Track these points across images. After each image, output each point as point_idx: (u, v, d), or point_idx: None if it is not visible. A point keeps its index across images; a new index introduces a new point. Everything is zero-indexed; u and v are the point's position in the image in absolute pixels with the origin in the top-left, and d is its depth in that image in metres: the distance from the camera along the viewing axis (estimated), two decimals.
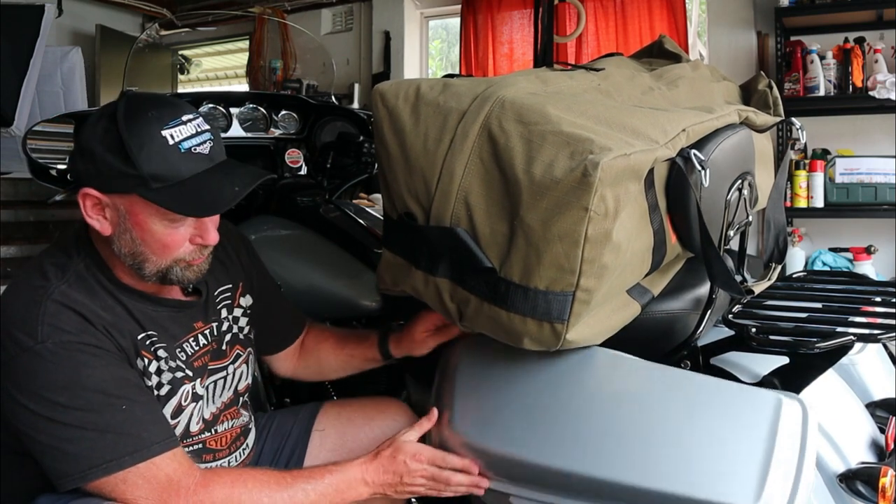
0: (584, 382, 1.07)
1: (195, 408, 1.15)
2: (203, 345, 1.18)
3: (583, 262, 0.91)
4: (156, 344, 1.10)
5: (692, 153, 0.99)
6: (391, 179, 1.08)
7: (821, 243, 3.46)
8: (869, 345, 1.34)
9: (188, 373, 1.14)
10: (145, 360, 1.08)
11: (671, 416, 1.00)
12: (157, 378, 1.09)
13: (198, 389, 1.15)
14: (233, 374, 1.24)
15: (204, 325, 1.19)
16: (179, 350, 1.14)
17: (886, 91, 3.14)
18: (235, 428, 1.24)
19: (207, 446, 1.18)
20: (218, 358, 1.21)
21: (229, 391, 1.23)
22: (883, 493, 1.03)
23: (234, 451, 1.23)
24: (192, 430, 1.15)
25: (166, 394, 1.10)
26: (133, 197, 1.01)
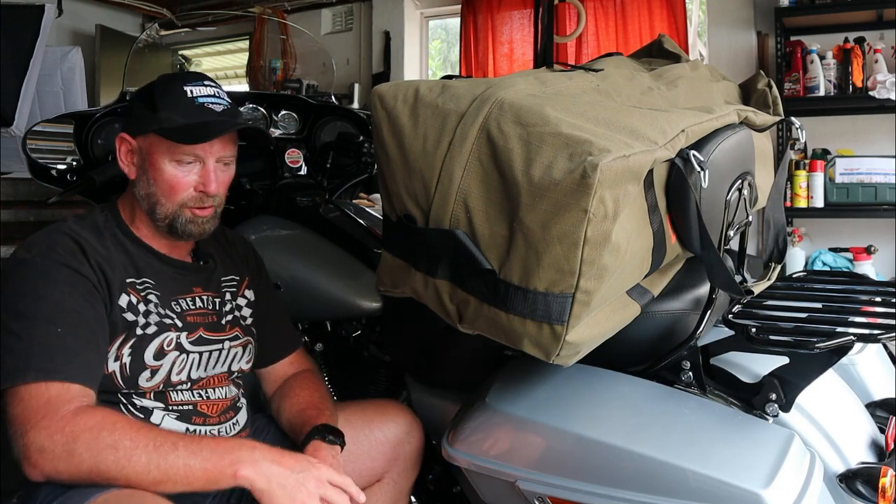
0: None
1: (178, 358, 1.19)
2: (199, 307, 1.25)
3: (582, 264, 0.91)
4: (148, 290, 1.19)
5: (691, 154, 0.99)
6: (390, 181, 1.08)
7: (821, 243, 3.46)
8: (869, 345, 1.34)
9: (177, 322, 1.20)
10: (132, 298, 1.16)
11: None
12: (143, 318, 1.16)
13: (184, 342, 1.20)
14: (228, 350, 1.27)
15: (203, 292, 1.27)
16: (174, 303, 1.22)
17: (886, 91, 3.14)
18: (227, 399, 1.27)
19: (198, 409, 1.21)
20: (215, 330, 1.26)
21: (223, 366, 1.27)
22: (883, 493, 1.03)
23: (224, 422, 1.25)
24: (173, 380, 1.18)
25: (152, 333, 1.16)
26: (151, 136, 1.18)
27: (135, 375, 1.14)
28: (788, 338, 1.05)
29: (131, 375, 1.14)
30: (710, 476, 0.96)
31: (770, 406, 1.06)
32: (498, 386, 1.19)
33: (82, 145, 1.72)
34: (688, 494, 0.97)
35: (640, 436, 1.03)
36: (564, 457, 1.06)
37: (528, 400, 1.13)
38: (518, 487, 1.10)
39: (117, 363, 1.13)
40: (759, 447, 1.00)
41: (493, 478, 1.14)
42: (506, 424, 1.13)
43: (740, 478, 0.95)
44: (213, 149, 1.20)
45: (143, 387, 1.15)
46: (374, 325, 1.66)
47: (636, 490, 1.00)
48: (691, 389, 1.12)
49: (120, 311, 1.14)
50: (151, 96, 1.19)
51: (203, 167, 1.20)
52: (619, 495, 1.01)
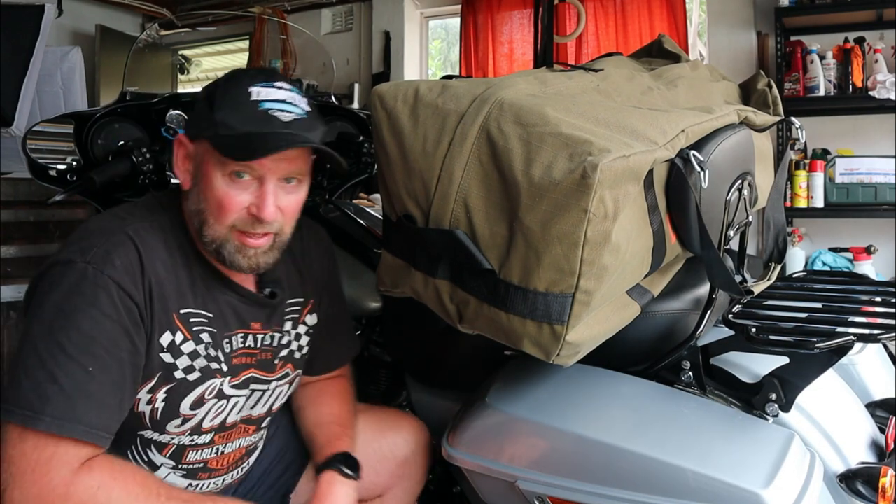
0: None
1: (216, 405, 1.08)
2: (251, 347, 1.12)
3: (582, 264, 0.91)
4: (203, 326, 1.05)
5: (691, 154, 0.99)
6: (390, 181, 1.08)
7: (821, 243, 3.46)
8: (869, 345, 1.34)
9: (223, 367, 1.08)
10: (180, 337, 1.02)
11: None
12: (188, 360, 1.03)
13: (226, 388, 1.09)
14: (272, 391, 1.18)
15: (261, 329, 1.14)
16: (226, 341, 1.08)
17: (886, 91, 3.14)
18: (242, 448, 1.19)
19: (209, 465, 1.15)
20: (265, 370, 1.15)
21: (263, 407, 1.18)
22: (883, 493, 1.03)
23: (231, 471, 1.19)
24: (203, 427, 1.09)
25: (194, 380, 1.04)
26: (205, 144, 1.02)
27: (165, 421, 1.05)
28: (788, 338, 1.05)
29: (161, 421, 1.04)
30: (710, 476, 0.96)
31: (770, 406, 1.06)
32: (498, 386, 1.19)
33: (82, 145, 1.71)
34: (688, 494, 0.97)
35: (640, 436, 1.03)
36: (564, 457, 1.06)
37: (528, 400, 1.13)
38: (518, 487, 1.10)
39: (150, 406, 1.03)
40: (759, 447, 1.00)
41: (493, 478, 1.14)
42: (506, 424, 1.13)
43: (740, 478, 0.95)
44: (274, 165, 1.01)
45: (169, 431, 1.06)
46: (374, 325, 1.66)
47: (636, 490, 1.00)
48: (691, 389, 1.12)
49: (158, 351, 1.01)
50: (213, 94, 1.02)
51: (260, 187, 1.02)
52: (619, 495, 1.01)
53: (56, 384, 0.91)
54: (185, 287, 1.04)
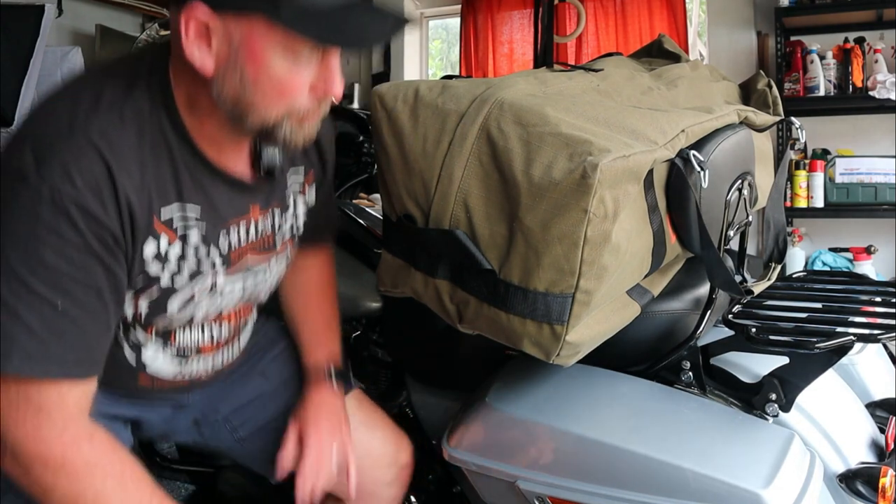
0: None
1: (209, 300, 0.98)
2: (252, 237, 1.00)
3: (582, 264, 0.91)
4: (190, 223, 0.91)
5: (691, 154, 0.99)
6: (390, 181, 1.08)
7: (821, 243, 3.46)
8: (869, 345, 1.34)
9: (217, 264, 0.95)
10: (162, 242, 0.88)
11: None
12: (174, 266, 0.91)
13: (219, 281, 0.97)
14: (273, 271, 1.08)
15: (261, 212, 1.00)
16: (223, 236, 0.95)
17: (886, 91, 3.14)
18: (234, 331, 1.10)
19: (199, 348, 1.06)
20: (265, 251, 1.03)
21: (263, 289, 1.09)
22: (883, 493, 1.03)
23: (219, 350, 1.10)
24: (195, 320, 1.00)
25: (181, 286, 0.93)
26: (255, 20, 0.80)
27: (150, 320, 0.95)
28: (788, 338, 1.05)
29: (145, 322, 0.95)
30: (710, 476, 0.96)
31: (770, 406, 1.06)
32: (498, 386, 1.19)
33: None
34: (688, 494, 0.97)
35: (640, 436, 1.03)
36: (564, 457, 1.06)
37: (528, 400, 1.13)
38: (518, 487, 1.10)
39: (131, 310, 0.93)
40: (759, 447, 1.00)
41: (493, 478, 1.14)
42: (506, 424, 1.13)
43: (740, 478, 0.95)
44: None
45: (154, 324, 0.97)
46: (374, 325, 1.66)
47: (636, 490, 1.00)
48: (691, 389, 1.12)
49: (142, 264, 0.88)
50: None
51: (323, 61, 0.85)
52: (619, 495, 1.01)
53: (21, 324, 0.79)
54: (168, 183, 0.88)
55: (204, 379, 1.13)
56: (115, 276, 0.84)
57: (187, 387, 1.14)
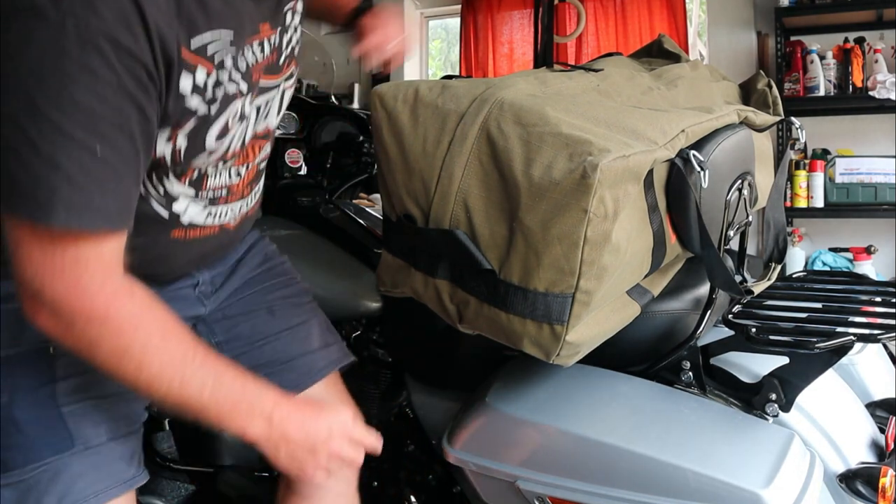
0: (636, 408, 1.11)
1: (239, 130, 0.94)
2: (264, 54, 0.95)
3: (582, 264, 0.91)
4: (222, 48, 0.85)
5: (691, 154, 0.99)
6: (390, 181, 1.08)
7: (821, 243, 3.46)
8: (869, 345, 1.34)
9: (242, 87, 0.90)
10: (201, 73, 0.83)
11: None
12: (210, 93, 0.85)
13: (246, 108, 0.94)
14: (282, 94, 1.04)
15: (270, 31, 0.95)
16: (241, 57, 0.90)
17: (886, 91, 3.14)
18: (254, 167, 1.06)
19: (229, 190, 1.02)
20: (272, 73, 0.98)
21: (275, 115, 1.04)
22: (883, 493, 1.03)
23: (245, 196, 1.07)
24: (229, 154, 0.95)
25: (215, 113, 0.87)
26: None
27: (189, 159, 0.90)
28: (788, 338, 1.05)
29: (185, 160, 0.89)
30: (710, 476, 0.96)
31: (770, 406, 1.06)
32: (498, 386, 1.19)
33: None
34: (688, 494, 0.97)
35: (640, 436, 1.03)
36: (564, 457, 1.06)
37: (528, 400, 1.13)
38: (518, 487, 1.10)
39: (169, 146, 0.86)
40: (759, 447, 1.00)
41: (493, 478, 1.14)
42: (506, 424, 1.13)
43: (740, 478, 0.95)
44: None
45: (192, 165, 0.92)
46: (374, 325, 1.66)
47: (636, 490, 1.00)
48: (691, 389, 1.12)
49: (180, 99, 0.82)
50: None
51: None
52: (619, 495, 1.01)
53: (59, 171, 0.73)
54: (195, 8, 0.81)
55: (234, 240, 1.11)
56: (148, 120, 0.79)
57: (223, 249, 1.11)
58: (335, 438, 0.93)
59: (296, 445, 0.91)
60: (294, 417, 0.91)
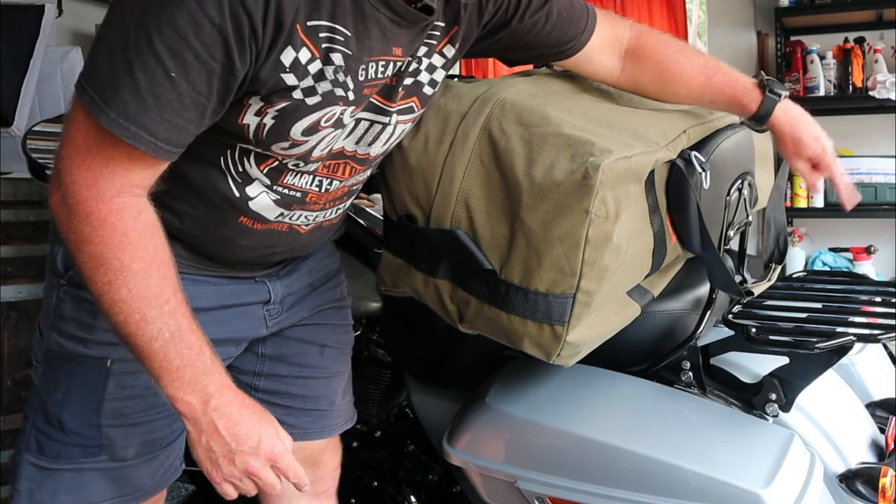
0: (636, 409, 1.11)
1: (331, 134, 0.92)
2: (387, 76, 0.93)
3: (583, 265, 0.91)
4: (337, 45, 0.85)
5: (693, 155, 0.99)
6: (391, 181, 1.08)
7: (821, 243, 3.46)
8: (869, 345, 1.34)
9: (349, 96, 0.89)
10: (305, 54, 0.83)
11: None
12: (311, 81, 0.85)
13: (346, 118, 0.92)
14: (392, 126, 0.99)
15: (401, 56, 0.93)
16: (362, 69, 0.89)
17: (886, 91, 3.14)
18: (344, 188, 1.03)
19: (305, 199, 0.99)
20: (386, 97, 0.96)
21: (380, 145, 0.99)
22: (883, 493, 1.03)
23: (326, 209, 1.04)
24: (313, 156, 0.93)
25: (313, 105, 0.87)
26: None
27: (270, 141, 0.89)
28: (788, 338, 1.05)
29: (266, 140, 0.89)
30: (710, 476, 0.96)
31: (770, 406, 1.06)
32: (498, 386, 1.19)
33: None
34: (688, 494, 0.97)
35: (640, 436, 1.03)
36: (564, 457, 1.06)
37: (528, 400, 1.13)
38: (518, 487, 1.10)
39: (257, 119, 0.86)
40: (759, 447, 1.00)
41: (493, 478, 1.14)
42: (506, 424, 1.13)
43: (740, 478, 0.95)
44: None
45: (274, 151, 0.91)
46: (374, 325, 1.66)
47: (636, 490, 1.00)
48: (691, 389, 1.12)
49: (277, 69, 0.82)
50: None
51: None
52: (619, 495, 1.01)
53: (131, 77, 0.76)
54: (319, 4, 0.82)
55: (309, 243, 1.08)
56: (234, 71, 0.80)
57: (294, 251, 1.08)
58: (259, 456, 0.86)
59: (218, 441, 0.84)
60: (231, 412, 0.85)
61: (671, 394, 1.11)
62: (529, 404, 1.13)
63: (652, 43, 1.13)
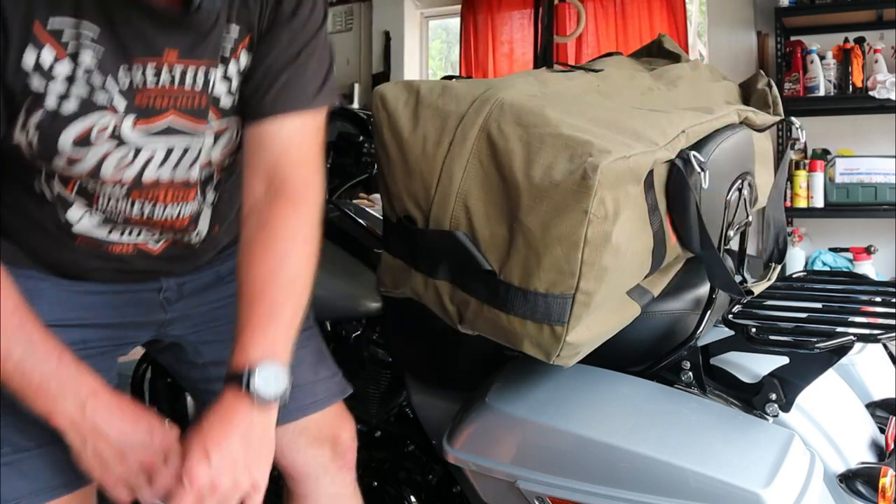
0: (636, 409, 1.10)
1: (116, 153, 0.86)
2: (166, 84, 0.86)
3: (582, 265, 0.91)
4: (84, 43, 0.80)
5: (692, 155, 0.99)
6: (391, 182, 1.08)
7: (821, 243, 3.46)
8: (869, 345, 1.34)
9: (116, 100, 0.83)
10: (48, 54, 0.78)
11: None
12: (62, 86, 0.80)
13: (126, 130, 0.85)
14: (208, 145, 0.93)
15: (179, 60, 0.86)
16: (123, 70, 0.83)
17: (886, 91, 3.14)
18: (185, 217, 0.97)
19: (132, 220, 0.94)
20: (195, 116, 0.90)
21: (198, 168, 0.94)
22: (883, 493, 1.03)
23: (175, 231, 0.98)
24: (106, 178, 0.87)
25: (69, 114, 0.81)
26: None
27: (45, 157, 0.84)
28: (788, 338, 1.05)
29: (40, 156, 0.84)
30: (710, 476, 0.96)
31: (770, 406, 1.06)
32: (498, 386, 1.19)
33: None
34: (688, 494, 0.97)
35: (640, 436, 1.03)
36: (564, 457, 1.06)
37: (528, 400, 1.13)
38: (518, 487, 1.10)
39: (24, 137, 0.82)
40: (759, 447, 1.00)
41: (493, 478, 1.14)
42: (506, 424, 1.13)
43: (740, 478, 0.95)
44: None
45: (59, 168, 0.86)
46: (374, 325, 1.66)
47: (636, 490, 1.00)
48: (691, 389, 1.12)
49: (22, 74, 0.77)
50: None
51: None
52: (619, 495, 1.01)
53: None
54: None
55: (174, 259, 1.02)
56: None
57: (156, 268, 1.02)
58: (153, 449, 0.81)
59: (105, 442, 0.80)
60: (112, 412, 0.81)
61: (671, 394, 1.11)
62: (529, 404, 1.13)
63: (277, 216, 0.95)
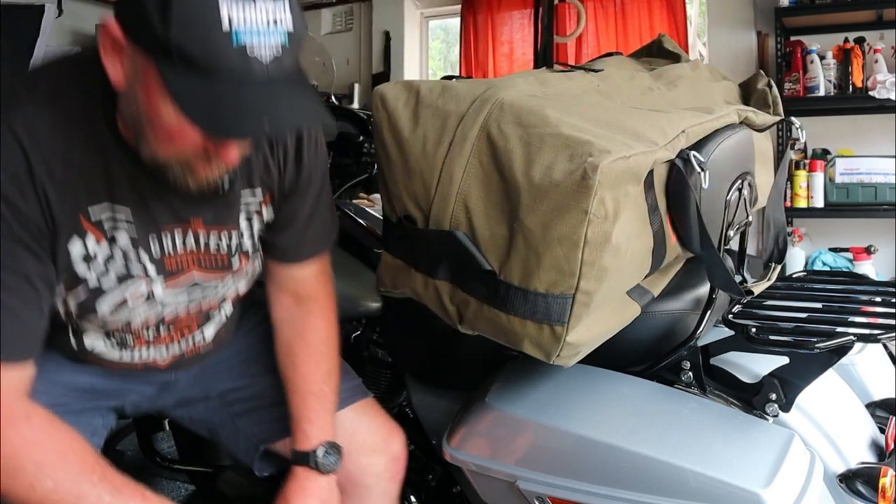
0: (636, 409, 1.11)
1: (146, 307, 0.98)
2: (192, 248, 0.98)
3: (582, 265, 0.91)
4: (119, 225, 0.90)
5: (691, 155, 0.99)
6: (391, 182, 1.08)
7: (821, 243, 3.46)
8: (869, 345, 1.34)
9: (148, 269, 0.94)
10: (92, 242, 0.89)
11: None
12: (102, 266, 0.91)
13: (157, 291, 0.96)
14: (228, 286, 1.06)
15: (205, 227, 0.97)
16: (153, 240, 0.93)
17: (886, 91, 3.14)
18: (184, 329, 1.09)
19: (139, 341, 1.06)
20: (217, 269, 1.02)
21: (215, 300, 1.07)
22: (883, 493, 1.03)
23: (172, 341, 1.09)
24: (133, 326, 1.00)
25: (109, 287, 0.92)
26: (148, 61, 0.75)
27: (82, 319, 0.96)
28: (788, 338, 1.05)
29: (77, 319, 0.96)
30: (710, 476, 0.96)
31: (770, 406, 1.06)
32: (498, 386, 1.19)
33: None
34: (688, 494, 0.97)
35: (640, 436, 1.03)
36: (564, 457, 1.06)
37: (528, 400, 1.13)
38: (518, 487, 1.10)
39: (62, 307, 0.94)
40: (759, 447, 1.00)
41: (493, 478, 1.14)
42: (506, 424, 1.13)
43: (740, 478, 0.95)
44: None
45: (91, 327, 0.99)
46: (374, 325, 1.66)
47: (636, 490, 1.00)
48: (691, 389, 1.12)
49: (68, 262, 0.88)
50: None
51: None
52: (619, 495, 1.01)
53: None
54: (98, 181, 0.87)
55: (186, 359, 1.13)
56: (44, 263, 0.86)
57: (167, 367, 1.13)
58: None
59: None
60: None
61: (671, 394, 1.11)
62: (529, 404, 1.13)
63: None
